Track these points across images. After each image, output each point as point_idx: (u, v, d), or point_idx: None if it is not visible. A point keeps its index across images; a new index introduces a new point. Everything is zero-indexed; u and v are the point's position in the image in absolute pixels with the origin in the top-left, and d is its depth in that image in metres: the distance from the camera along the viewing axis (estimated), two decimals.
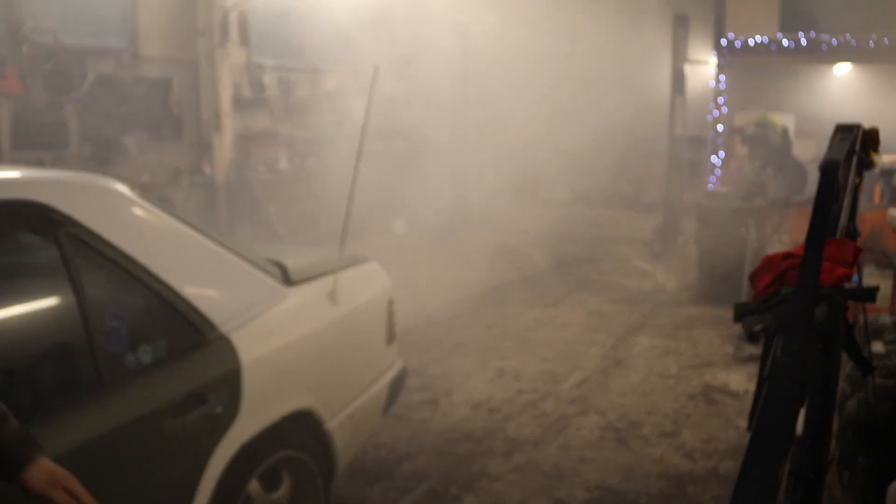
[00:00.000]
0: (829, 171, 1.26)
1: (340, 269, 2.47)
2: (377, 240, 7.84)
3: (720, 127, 9.74)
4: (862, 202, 2.02)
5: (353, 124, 11.23)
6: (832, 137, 1.62)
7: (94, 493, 1.59)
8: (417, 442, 3.37)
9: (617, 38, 10.43)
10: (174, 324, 1.87)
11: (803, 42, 9.26)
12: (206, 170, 7.56)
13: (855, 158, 1.64)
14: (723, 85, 9.67)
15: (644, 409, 3.81)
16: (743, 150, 9.19)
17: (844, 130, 1.62)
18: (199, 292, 1.93)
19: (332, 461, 2.35)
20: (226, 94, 7.60)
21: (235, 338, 1.96)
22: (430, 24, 9.03)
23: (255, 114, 8.24)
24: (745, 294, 4.59)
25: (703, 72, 10.09)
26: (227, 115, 7.64)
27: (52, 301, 1.79)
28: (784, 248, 4.90)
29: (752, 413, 1.28)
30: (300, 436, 2.22)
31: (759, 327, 1.30)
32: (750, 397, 3.75)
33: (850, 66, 10.10)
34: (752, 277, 1.44)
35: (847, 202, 1.59)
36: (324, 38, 9.09)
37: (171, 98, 7.23)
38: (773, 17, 9.64)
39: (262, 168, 8.09)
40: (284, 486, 2.21)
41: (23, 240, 1.81)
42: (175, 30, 7.23)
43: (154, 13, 7.00)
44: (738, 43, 9.45)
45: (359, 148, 2.42)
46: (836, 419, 2.05)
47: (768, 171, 7.49)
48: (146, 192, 2.08)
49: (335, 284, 2.43)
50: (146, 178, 6.68)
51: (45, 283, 1.81)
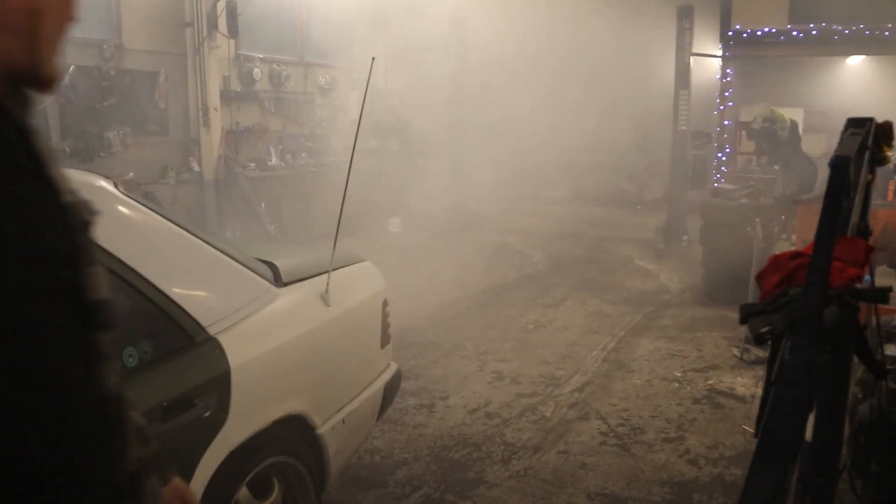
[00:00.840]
0: (840, 168, 1.22)
1: (333, 269, 2.42)
2: (372, 239, 7.80)
3: (726, 122, 9.58)
4: (874, 199, 1.96)
5: (346, 120, 11.24)
6: (843, 132, 1.57)
7: None
8: (413, 447, 3.31)
9: (620, 30, 10.38)
10: (161, 325, 1.82)
11: (814, 33, 9.02)
12: (194, 166, 7.46)
13: (867, 154, 1.59)
14: (729, 78, 9.50)
15: (647, 413, 3.75)
16: (749, 145, 9.09)
17: (856, 125, 1.57)
18: (186, 293, 1.89)
19: (325, 467, 2.30)
20: (214, 88, 7.48)
21: (224, 340, 1.91)
22: (428, 18, 8.98)
23: (245, 108, 8.15)
24: (752, 295, 4.51)
25: (709, 65, 9.95)
26: (216, 110, 7.51)
27: None
28: (792, 248, 4.85)
29: (760, 418, 1.23)
30: (291, 441, 2.17)
31: (766, 329, 1.27)
32: (757, 401, 3.69)
33: (863, 57, 9.89)
34: (759, 278, 1.40)
35: (858, 199, 1.55)
36: (316, 30, 9.03)
37: (157, 91, 7.10)
38: (781, 7, 9.42)
39: (252, 164, 8.00)
40: (275, 494, 2.16)
41: None
42: (161, 20, 7.10)
43: (139, 3, 6.86)
44: (745, 34, 9.25)
45: (353, 144, 2.37)
46: (847, 425, 1.99)
47: (776, 167, 7.39)
48: (131, 189, 2.03)
49: (328, 285, 2.38)
50: (131, 174, 6.56)
51: None
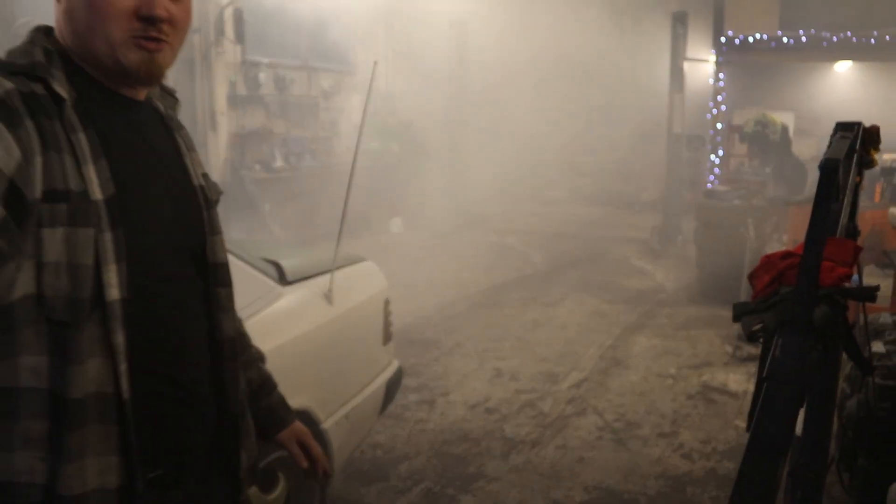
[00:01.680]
0: (829, 170, 1.25)
1: (337, 269, 2.45)
2: (374, 239, 7.83)
3: (719, 125, 9.66)
4: (862, 201, 2.01)
5: (349, 122, 11.29)
6: (832, 136, 1.61)
7: None
8: (414, 442, 3.36)
9: (615, 36, 10.42)
10: None
11: (803, 39, 9.14)
12: None
13: (855, 157, 1.63)
14: (722, 83, 9.57)
15: (642, 409, 3.80)
16: (742, 148, 9.15)
17: (845, 128, 1.60)
18: None
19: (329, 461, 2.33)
20: (221, 92, 7.53)
21: None
22: (429, 21, 9.01)
23: (251, 112, 8.19)
24: (745, 294, 4.57)
25: (702, 70, 10.04)
26: (223, 114, 7.58)
27: None
28: (783, 248, 4.90)
29: (751, 413, 1.26)
30: None
31: (757, 327, 1.29)
32: (749, 397, 3.74)
33: (851, 63, 10.02)
34: (752, 277, 1.42)
35: (847, 201, 1.58)
36: (320, 35, 9.05)
37: None
38: (772, 14, 9.53)
39: (258, 167, 8.04)
40: (280, 487, 2.19)
41: None
42: None
43: None
44: (737, 40, 9.35)
45: (356, 146, 2.41)
46: (835, 420, 2.04)
47: (767, 169, 7.45)
48: None
49: (331, 284, 2.42)
50: None
51: None
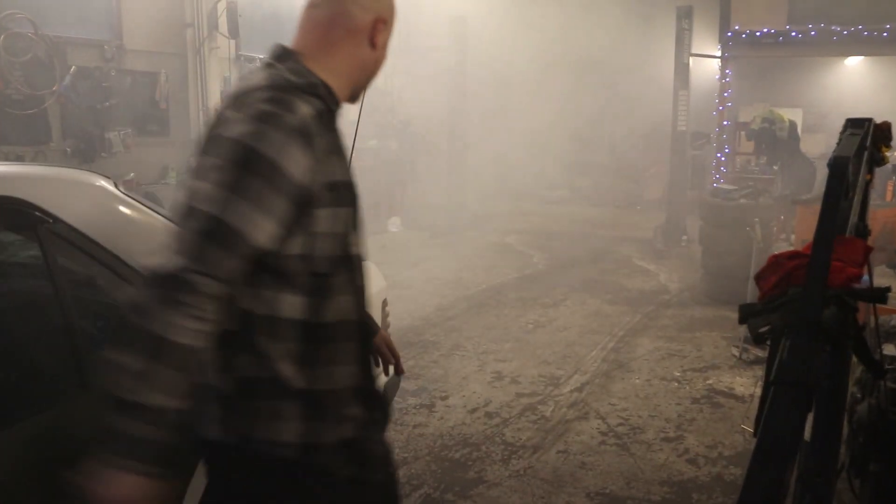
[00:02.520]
0: (839, 168, 1.22)
1: None
2: (373, 238, 7.79)
3: (725, 122, 9.56)
4: (873, 199, 1.97)
5: (345, 119, 11.26)
6: (842, 132, 1.58)
7: (76, 500, 1.54)
8: (413, 447, 3.31)
9: (619, 30, 10.37)
10: None
11: (812, 34, 8.98)
12: None
13: (866, 154, 1.59)
14: (728, 79, 9.46)
15: (646, 413, 3.75)
16: (748, 145, 9.08)
17: (855, 125, 1.57)
18: None
19: None
20: (214, 88, 7.45)
21: None
22: (428, 17, 8.97)
23: None
24: (751, 295, 4.52)
25: (708, 65, 9.95)
26: (216, 110, 7.56)
27: (32, 301, 1.74)
28: (791, 248, 4.85)
29: (759, 418, 1.23)
30: None
31: (765, 329, 1.27)
32: (756, 401, 3.69)
33: (862, 57, 9.88)
34: (758, 278, 1.40)
35: (857, 199, 1.55)
36: None
37: (158, 92, 7.05)
38: (780, 8, 9.40)
39: None
40: None
41: (2, 238, 1.76)
42: (161, 21, 7.06)
43: (140, 4, 6.83)
44: (744, 35, 9.23)
45: (352, 144, 2.36)
46: (845, 424, 1.99)
47: (775, 167, 7.39)
48: (132, 189, 2.02)
49: None
50: (132, 174, 6.51)
51: (25, 282, 1.76)
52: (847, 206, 1.44)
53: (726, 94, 9.46)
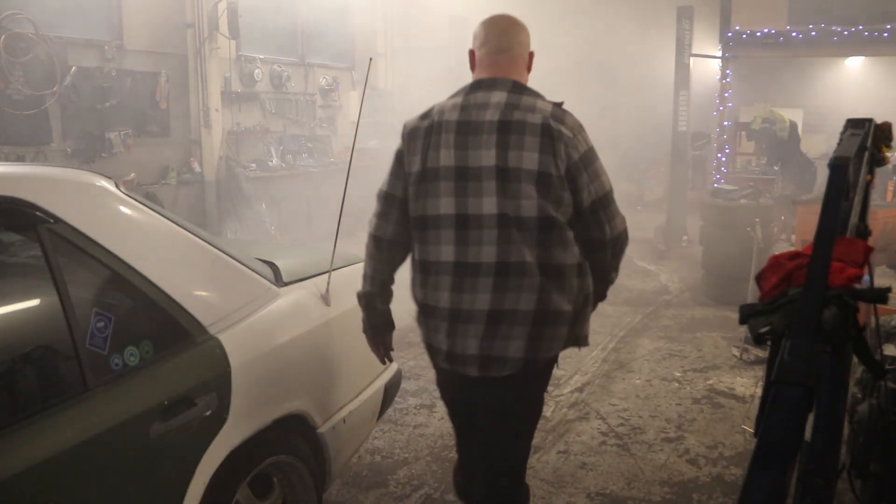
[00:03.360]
0: (839, 168, 1.22)
1: (334, 269, 2.42)
2: None
3: (726, 122, 9.55)
4: (874, 199, 1.97)
5: (346, 120, 11.24)
6: (842, 132, 1.57)
7: (76, 500, 1.55)
8: (413, 447, 3.31)
9: (619, 31, 10.35)
10: (161, 325, 1.81)
11: (813, 34, 8.97)
12: (195, 167, 7.43)
13: (866, 154, 1.59)
14: (728, 79, 9.45)
15: (647, 413, 3.75)
16: (749, 146, 9.07)
17: (855, 125, 1.57)
18: (187, 292, 1.88)
19: (325, 467, 2.30)
20: (215, 89, 7.44)
21: (225, 339, 1.91)
22: (428, 17, 8.96)
23: (246, 109, 8.12)
24: (752, 295, 4.52)
25: (709, 66, 9.94)
26: (217, 111, 7.47)
27: (33, 301, 1.74)
28: (792, 248, 4.84)
29: (759, 418, 1.23)
30: (292, 441, 2.17)
31: (765, 329, 1.26)
32: (756, 401, 3.69)
33: (862, 58, 9.87)
34: (759, 278, 1.40)
35: (858, 200, 1.55)
36: (316, 31, 9.01)
37: (158, 92, 7.06)
38: (781, 8, 9.40)
39: (253, 165, 7.96)
40: (276, 493, 2.16)
41: (2, 238, 1.76)
42: (162, 22, 7.06)
43: (140, 4, 6.84)
44: (744, 35, 9.22)
45: (353, 144, 2.37)
46: (846, 425, 1.99)
47: (775, 167, 7.39)
48: (132, 190, 2.03)
49: (328, 285, 2.38)
50: (132, 174, 6.53)
51: (26, 282, 1.77)
52: (847, 207, 1.44)
53: (727, 95, 9.44)
